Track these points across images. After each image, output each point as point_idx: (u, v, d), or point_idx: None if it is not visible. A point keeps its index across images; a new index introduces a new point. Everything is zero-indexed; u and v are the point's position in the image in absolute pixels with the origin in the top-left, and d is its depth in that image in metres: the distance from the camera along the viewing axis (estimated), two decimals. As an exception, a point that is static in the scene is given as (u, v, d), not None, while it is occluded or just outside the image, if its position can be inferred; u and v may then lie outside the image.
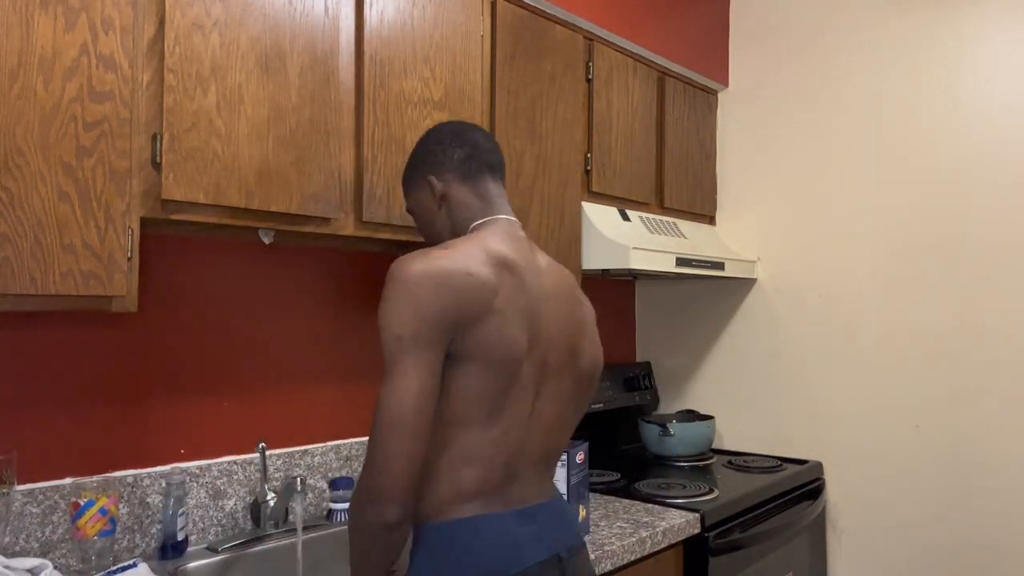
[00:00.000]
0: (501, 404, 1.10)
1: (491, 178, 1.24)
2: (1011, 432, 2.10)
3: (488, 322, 1.07)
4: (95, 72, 1.16)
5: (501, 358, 1.08)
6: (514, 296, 1.11)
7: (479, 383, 1.08)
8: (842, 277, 2.40)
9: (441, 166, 1.23)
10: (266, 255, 1.74)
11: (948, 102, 2.22)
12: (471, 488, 1.09)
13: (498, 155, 1.26)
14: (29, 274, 1.09)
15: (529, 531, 1.12)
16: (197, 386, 1.61)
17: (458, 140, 1.24)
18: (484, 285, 1.07)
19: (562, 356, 1.19)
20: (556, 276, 1.23)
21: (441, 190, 1.22)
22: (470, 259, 1.08)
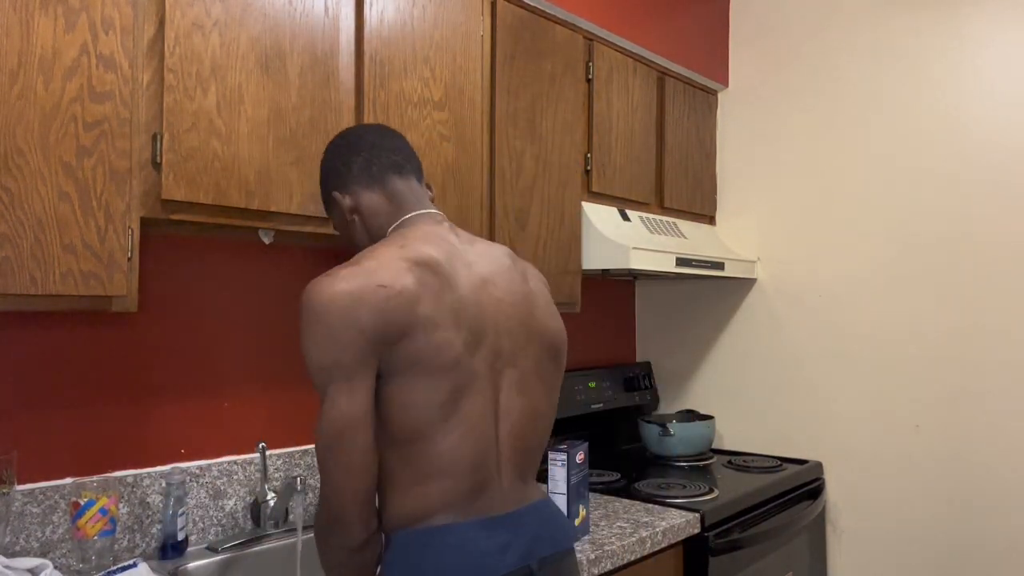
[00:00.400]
0: (453, 409, 1.06)
1: (398, 176, 1.20)
2: (1011, 432, 2.10)
3: (413, 333, 1.03)
4: (95, 72, 1.16)
5: (436, 366, 1.04)
6: (440, 296, 1.06)
7: (421, 395, 1.04)
8: (842, 277, 2.40)
9: (343, 179, 1.21)
10: (266, 255, 1.74)
11: (948, 102, 2.22)
12: (438, 501, 1.06)
13: (402, 151, 1.22)
14: (29, 274, 1.09)
15: (498, 541, 1.07)
16: (197, 386, 1.61)
17: (354, 148, 1.21)
18: (400, 295, 1.02)
19: (515, 340, 1.14)
20: (488, 259, 1.17)
21: (349, 204, 1.20)
22: (383, 269, 1.04)
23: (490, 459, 1.10)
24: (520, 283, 1.19)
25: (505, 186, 1.84)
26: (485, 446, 1.09)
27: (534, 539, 1.12)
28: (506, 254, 1.21)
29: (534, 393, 1.17)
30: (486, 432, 1.09)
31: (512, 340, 1.14)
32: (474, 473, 1.08)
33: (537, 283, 1.24)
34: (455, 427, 1.06)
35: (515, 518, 1.12)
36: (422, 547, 1.05)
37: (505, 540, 1.08)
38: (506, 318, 1.14)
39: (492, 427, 1.11)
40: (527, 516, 1.14)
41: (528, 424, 1.15)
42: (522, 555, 1.09)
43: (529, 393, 1.16)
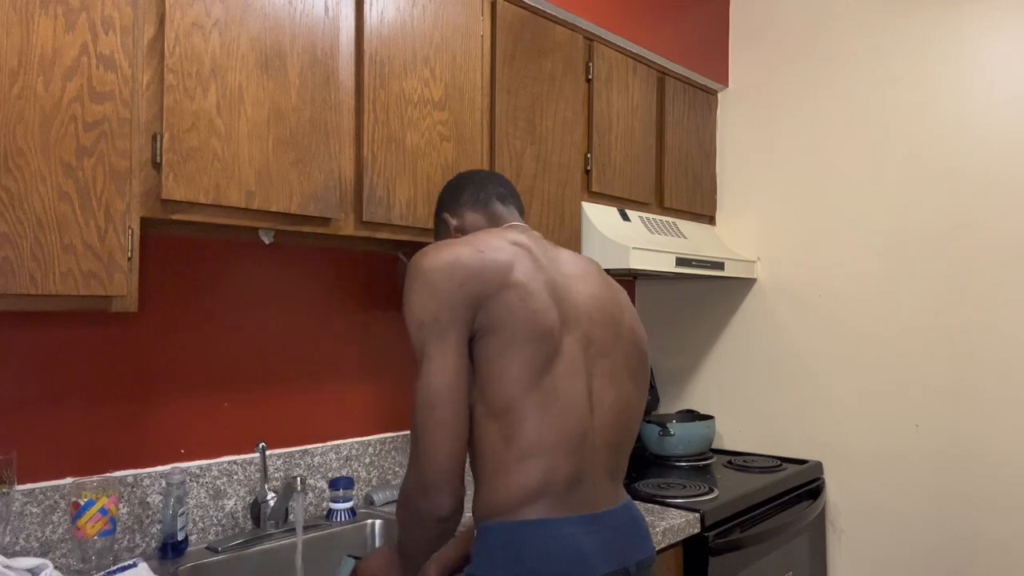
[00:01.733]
0: (550, 383, 1.08)
1: (500, 203, 1.34)
2: (1011, 432, 2.10)
3: (507, 293, 1.09)
4: (95, 72, 1.16)
5: (530, 331, 1.08)
6: (533, 273, 1.13)
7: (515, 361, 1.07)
8: (842, 277, 2.40)
9: (454, 204, 1.36)
10: (266, 255, 1.74)
11: (949, 100, 2.22)
12: (536, 485, 1.07)
13: (504, 186, 1.37)
14: (29, 274, 1.09)
15: (597, 539, 1.08)
16: (197, 386, 1.62)
17: (465, 182, 1.37)
18: (496, 261, 1.11)
19: (607, 331, 1.19)
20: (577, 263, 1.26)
21: (455, 224, 1.34)
22: (482, 242, 1.14)
23: (587, 443, 1.12)
24: (608, 287, 1.25)
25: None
26: (582, 428, 1.11)
27: (629, 541, 1.13)
28: (593, 262, 1.29)
29: (625, 388, 1.20)
30: (583, 414, 1.11)
31: (603, 332, 1.19)
32: (572, 456, 1.09)
33: (623, 293, 1.30)
34: (552, 402, 1.08)
35: (611, 517, 1.13)
36: (521, 542, 1.06)
37: (604, 540, 1.10)
38: (597, 310, 1.19)
39: (588, 411, 1.13)
40: (621, 516, 1.15)
41: (619, 417, 1.18)
42: (620, 557, 1.10)
43: (621, 386, 1.19)
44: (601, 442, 1.15)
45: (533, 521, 1.06)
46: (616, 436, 1.17)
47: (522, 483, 1.07)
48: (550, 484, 1.07)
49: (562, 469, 1.08)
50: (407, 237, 1.64)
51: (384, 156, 1.57)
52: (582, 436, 1.10)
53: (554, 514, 1.07)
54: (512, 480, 1.07)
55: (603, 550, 1.08)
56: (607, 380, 1.17)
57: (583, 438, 1.11)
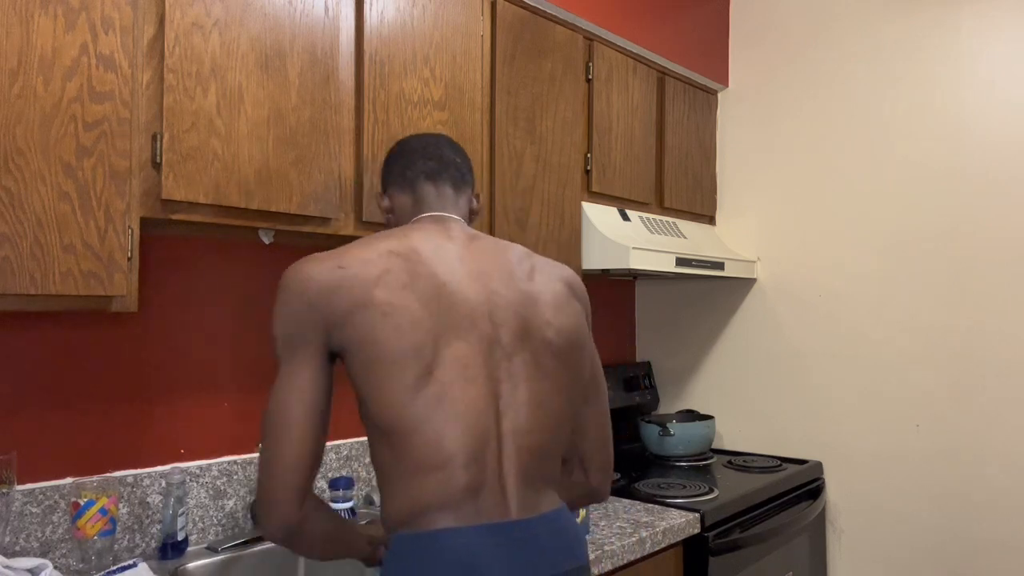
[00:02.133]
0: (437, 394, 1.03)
1: (429, 182, 1.26)
2: (1012, 432, 2.10)
3: (365, 312, 1.04)
4: (95, 72, 1.16)
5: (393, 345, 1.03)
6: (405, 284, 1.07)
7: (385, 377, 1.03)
8: (842, 277, 2.40)
9: (386, 182, 1.30)
10: (266, 255, 1.74)
11: (949, 101, 2.22)
12: (431, 498, 1.02)
13: (439, 159, 1.27)
14: (29, 274, 1.09)
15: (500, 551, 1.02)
16: (197, 386, 1.61)
17: (397, 155, 1.29)
18: (356, 278, 1.06)
19: (516, 332, 1.12)
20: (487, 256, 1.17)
21: (386, 204, 1.29)
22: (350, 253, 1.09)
23: (489, 454, 1.05)
24: (522, 281, 1.17)
25: (505, 186, 1.84)
26: (482, 439, 1.04)
27: (544, 553, 1.06)
28: (515, 253, 1.20)
29: (539, 387, 1.11)
30: (482, 424, 1.05)
31: (509, 333, 1.11)
32: (469, 467, 1.03)
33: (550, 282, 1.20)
34: (438, 414, 1.03)
35: (523, 527, 1.05)
36: (421, 554, 1.01)
37: (509, 551, 1.03)
38: (501, 310, 1.12)
39: (492, 420, 1.06)
40: (537, 527, 1.07)
41: (534, 421, 1.10)
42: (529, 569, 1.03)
43: (533, 387, 1.11)
44: (512, 449, 1.07)
45: (427, 532, 1.02)
46: (533, 439, 1.09)
47: (415, 497, 1.03)
48: (446, 496, 1.02)
49: (459, 479, 1.02)
50: (407, 237, 1.64)
51: (384, 156, 1.57)
52: (483, 444, 1.05)
53: (451, 524, 1.02)
54: (406, 495, 1.03)
55: (507, 561, 1.02)
56: (516, 382, 1.10)
57: (484, 446, 1.05)
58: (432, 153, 1.27)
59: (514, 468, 1.07)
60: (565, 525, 1.11)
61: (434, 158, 1.27)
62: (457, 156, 1.30)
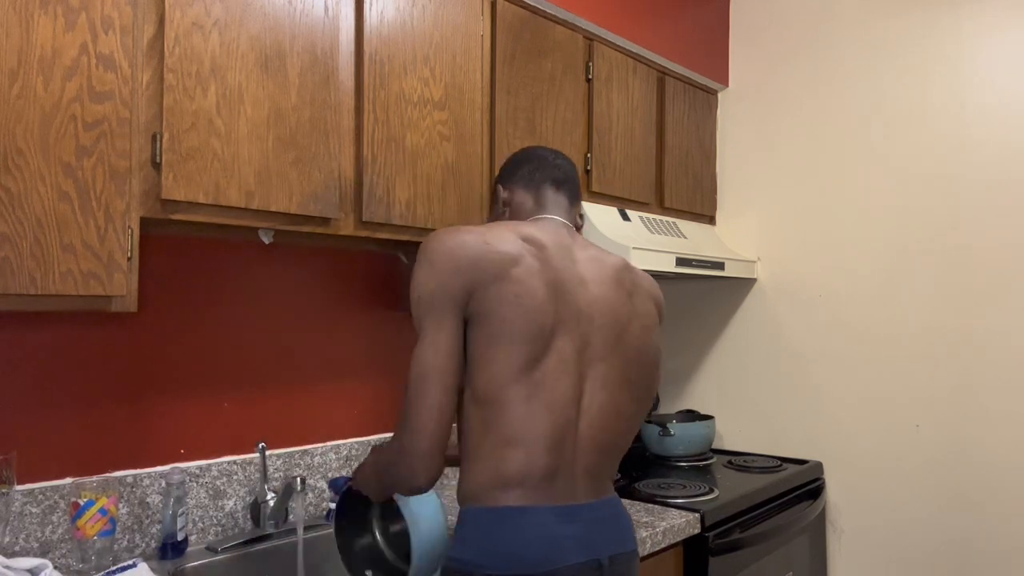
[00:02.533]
0: (539, 380, 1.11)
1: (552, 188, 1.34)
2: (1011, 432, 2.10)
3: (503, 286, 1.11)
4: (95, 72, 1.16)
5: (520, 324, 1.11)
6: (536, 270, 1.15)
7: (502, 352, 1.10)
8: (842, 277, 2.40)
9: (510, 178, 1.37)
10: (266, 255, 1.74)
11: (948, 101, 2.22)
12: (515, 473, 1.10)
13: (564, 171, 1.36)
14: (29, 274, 1.09)
15: (570, 530, 1.11)
16: (197, 386, 1.61)
17: (526, 157, 1.37)
18: (500, 254, 1.13)
19: (607, 338, 1.20)
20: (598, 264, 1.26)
21: (505, 196, 1.36)
22: (493, 233, 1.16)
23: (568, 442, 1.14)
24: (622, 295, 1.25)
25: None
26: (564, 427, 1.13)
27: (605, 535, 1.16)
28: (617, 263, 1.28)
29: (619, 396, 1.21)
30: (567, 413, 1.13)
31: (604, 338, 1.20)
32: (551, 451, 1.11)
33: (646, 301, 1.29)
34: (535, 396, 1.11)
35: (589, 510, 1.15)
36: (496, 526, 1.09)
37: (578, 530, 1.12)
38: (601, 315, 1.21)
39: (574, 412, 1.15)
40: (600, 511, 1.17)
41: (608, 422, 1.19)
42: (593, 549, 1.13)
43: (614, 393, 1.20)
44: (586, 443, 1.17)
45: (509, 507, 1.10)
46: (603, 438, 1.19)
47: (499, 470, 1.11)
48: (527, 474, 1.10)
49: (540, 461, 1.11)
50: (407, 237, 1.64)
51: (384, 156, 1.57)
52: (563, 433, 1.13)
53: (530, 503, 1.10)
54: (489, 467, 1.11)
55: (577, 540, 1.11)
56: (599, 384, 1.19)
57: (563, 435, 1.13)
58: (559, 164, 1.37)
59: (584, 459, 1.17)
60: (621, 512, 1.22)
61: (561, 169, 1.37)
62: (575, 174, 1.39)
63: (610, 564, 1.15)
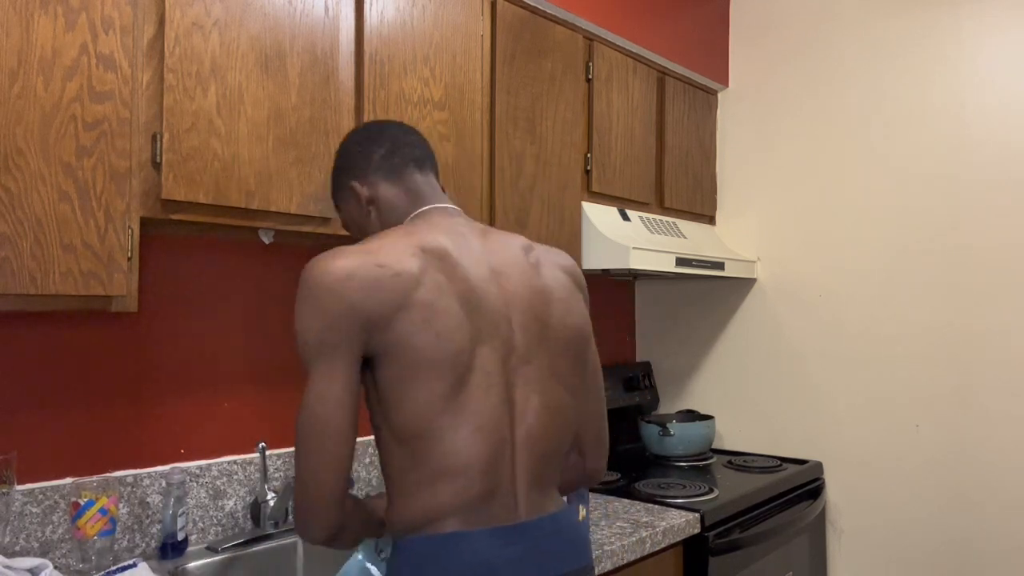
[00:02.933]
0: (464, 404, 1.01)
1: (418, 171, 1.19)
2: (1011, 432, 2.10)
3: (407, 315, 0.99)
4: (95, 72, 1.16)
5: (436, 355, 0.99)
6: (445, 285, 1.02)
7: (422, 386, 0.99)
8: (842, 277, 2.40)
9: (362, 170, 1.19)
10: (266, 255, 1.74)
11: (948, 101, 2.22)
12: (448, 504, 1.01)
13: (422, 147, 1.21)
14: (29, 274, 1.09)
15: (510, 552, 1.02)
16: (197, 386, 1.61)
17: (375, 139, 1.20)
18: (398, 276, 1.00)
19: (530, 334, 1.09)
20: (501, 252, 1.13)
21: (367, 194, 1.18)
22: (385, 251, 1.02)
23: (504, 462, 1.04)
24: (533, 277, 1.13)
25: (505, 186, 1.84)
26: (498, 447, 1.03)
27: (550, 553, 1.06)
28: (520, 246, 1.16)
29: (552, 394, 1.11)
30: (500, 432, 1.04)
31: (526, 336, 1.09)
32: (486, 475, 1.02)
33: (555, 272, 1.17)
34: (463, 423, 1.01)
35: (530, 529, 1.05)
36: (430, 557, 1.00)
37: (518, 552, 1.03)
38: (519, 312, 1.09)
39: (507, 428, 1.05)
40: (543, 527, 1.07)
41: (546, 427, 1.09)
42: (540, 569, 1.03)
43: (547, 393, 1.10)
44: (525, 455, 1.07)
45: (441, 535, 1.01)
46: (544, 445, 1.09)
47: (431, 503, 1.01)
48: (462, 502, 1.01)
49: (475, 486, 1.02)
50: (407, 237, 1.64)
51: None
52: (498, 454, 1.03)
53: (466, 527, 1.01)
54: (421, 501, 1.02)
55: (519, 562, 1.02)
56: (530, 388, 1.08)
57: (499, 455, 1.04)
58: (411, 139, 1.21)
59: (525, 473, 1.07)
60: (570, 525, 1.11)
61: (417, 145, 1.20)
62: (429, 145, 1.24)
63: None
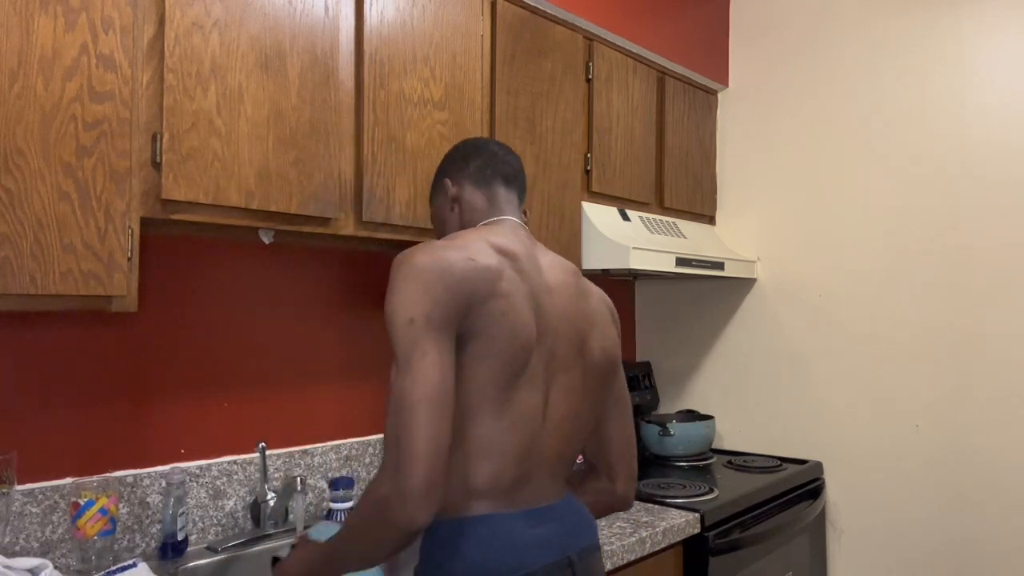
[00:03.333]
0: (511, 395, 1.10)
1: (503, 186, 1.29)
2: (1011, 431, 2.10)
3: (493, 303, 1.08)
4: (95, 72, 1.16)
5: (507, 341, 1.08)
6: (519, 284, 1.12)
7: (488, 369, 1.08)
8: (842, 277, 2.40)
9: (458, 172, 1.30)
10: (266, 255, 1.74)
11: (948, 101, 2.22)
12: (483, 485, 1.09)
13: (513, 167, 1.32)
14: (29, 274, 1.09)
15: (538, 533, 1.11)
16: (197, 386, 1.61)
17: (476, 150, 1.31)
18: (487, 269, 1.09)
19: (570, 349, 1.19)
20: (559, 270, 1.24)
21: (454, 192, 1.28)
22: (471, 247, 1.11)
23: (535, 453, 1.13)
24: (581, 300, 1.24)
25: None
26: (532, 440, 1.12)
27: (571, 531, 1.16)
28: (572, 271, 1.26)
29: (579, 405, 1.21)
30: (534, 427, 1.13)
31: (566, 349, 1.19)
32: (519, 464, 1.11)
33: (600, 305, 1.28)
34: (508, 413, 1.09)
35: (553, 511, 1.15)
36: (464, 537, 1.07)
37: (546, 532, 1.12)
38: (564, 326, 1.19)
39: (540, 426, 1.14)
40: (562, 509, 1.18)
41: (568, 431, 1.19)
42: (562, 547, 1.13)
43: (574, 403, 1.20)
44: (549, 451, 1.16)
45: (475, 517, 1.08)
46: (562, 446, 1.19)
47: (466, 483, 1.08)
48: (495, 484, 1.09)
49: (509, 473, 1.10)
50: (407, 237, 1.64)
51: (384, 156, 1.57)
52: (531, 446, 1.12)
53: (497, 510, 1.10)
54: (458, 479, 1.08)
55: (546, 541, 1.11)
56: (562, 395, 1.18)
57: (530, 448, 1.12)
58: (509, 159, 1.32)
59: (547, 466, 1.17)
60: (580, 507, 1.23)
61: (511, 165, 1.32)
62: (523, 170, 1.35)
63: (580, 559, 1.15)
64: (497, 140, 1.34)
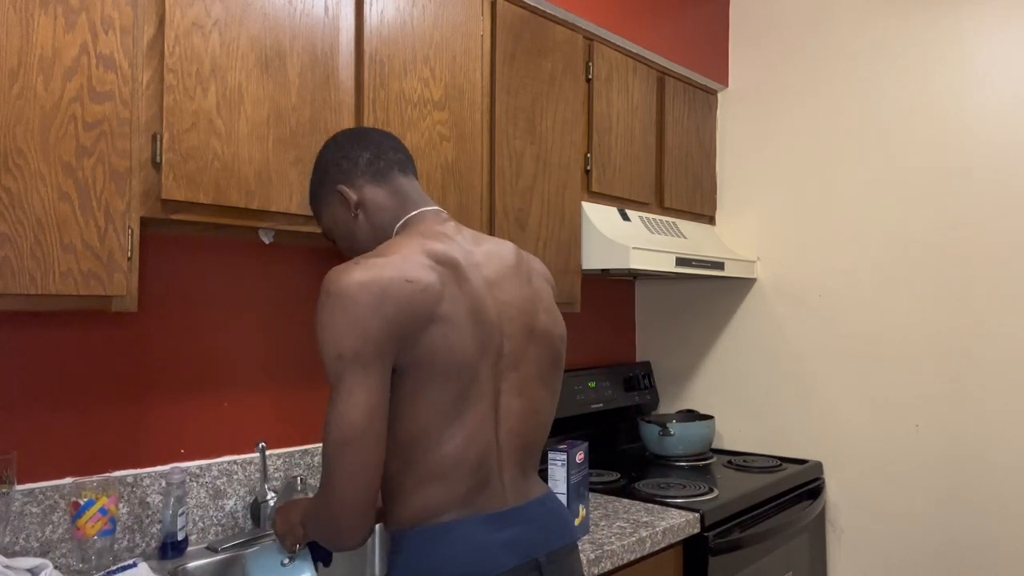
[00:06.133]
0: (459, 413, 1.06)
1: (401, 174, 1.21)
2: (1011, 431, 2.10)
3: (434, 328, 1.02)
4: (95, 72, 1.16)
5: (449, 367, 1.04)
6: (459, 298, 1.06)
7: (431, 396, 1.04)
8: (842, 277, 2.40)
9: (349, 173, 1.19)
10: (266, 255, 1.74)
11: (948, 101, 2.22)
12: (441, 501, 1.07)
13: (402, 151, 1.23)
14: (29, 274, 1.09)
15: (502, 536, 1.08)
16: (197, 386, 1.61)
17: (359, 144, 1.21)
18: (426, 291, 1.03)
19: (520, 339, 1.14)
20: (495, 260, 1.17)
21: (355, 198, 1.18)
22: (409, 263, 1.04)
23: (490, 460, 1.10)
24: (525, 285, 1.18)
25: (505, 186, 1.84)
26: (485, 450, 1.09)
27: (540, 533, 1.13)
28: (512, 252, 1.20)
29: (534, 396, 1.17)
30: (487, 436, 1.10)
31: (515, 343, 1.14)
32: (475, 473, 1.08)
33: (541, 282, 1.23)
34: (459, 431, 1.06)
35: (519, 513, 1.12)
36: (430, 545, 1.06)
37: (511, 535, 1.09)
38: (510, 320, 1.14)
39: (492, 431, 1.11)
40: (531, 511, 1.14)
41: (526, 425, 1.16)
42: (529, 549, 1.10)
43: (529, 396, 1.16)
44: (507, 452, 1.13)
45: (437, 526, 1.06)
46: (521, 441, 1.15)
47: (426, 502, 1.07)
48: (453, 498, 1.07)
49: (465, 484, 1.07)
50: (407, 237, 1.64)
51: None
52: (485, 456, 1.09)
53: (456, 518, 1.07)
54: (417, 500, 1.07)
55: (511, 545, 1.08)
56: (515, 393, 1.13)
57: (486, 457, 1.09)
58: (393, 143, 1.23)
59: (510, 466, 1.14)
60: (555, 507, 1.19)
61: (398, 149, 1.23)
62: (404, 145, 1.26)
63: (549, 561, 1.11)
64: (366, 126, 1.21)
